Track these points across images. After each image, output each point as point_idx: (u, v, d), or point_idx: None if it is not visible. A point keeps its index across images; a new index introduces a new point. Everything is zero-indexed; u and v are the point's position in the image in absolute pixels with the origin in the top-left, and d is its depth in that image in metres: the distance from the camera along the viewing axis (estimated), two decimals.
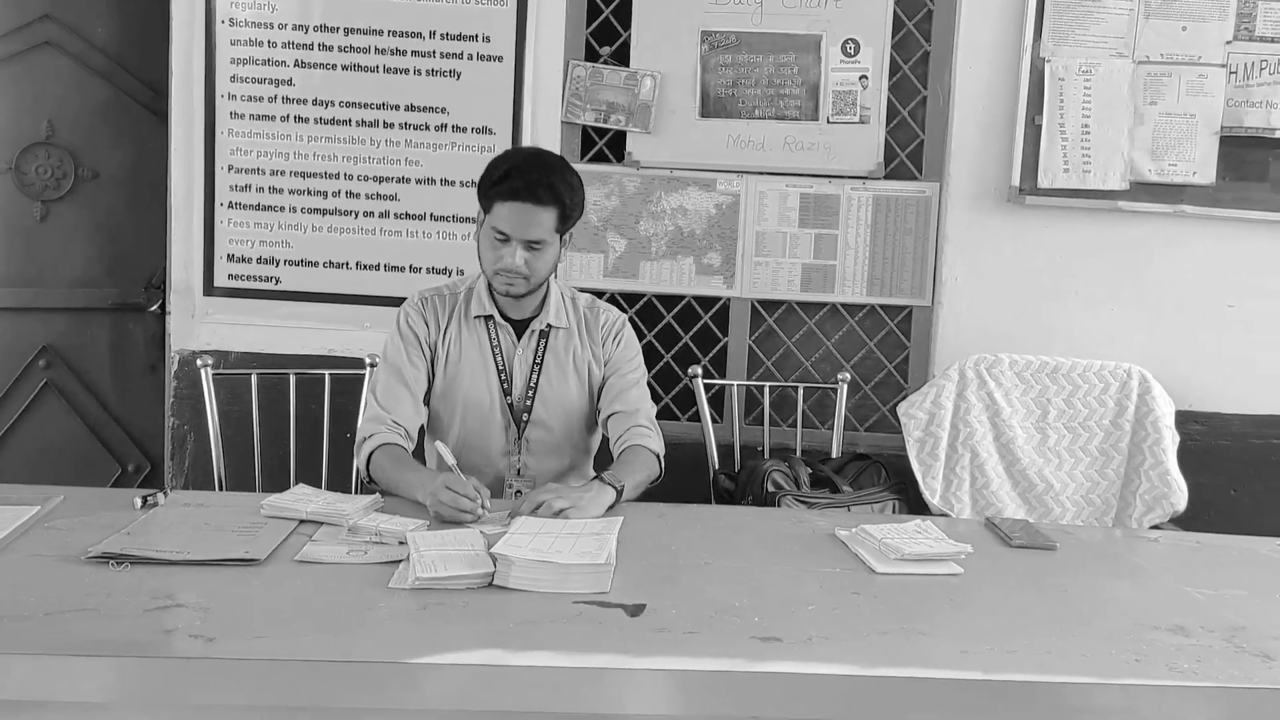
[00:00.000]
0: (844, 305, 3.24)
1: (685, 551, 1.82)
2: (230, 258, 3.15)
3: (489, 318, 2.29)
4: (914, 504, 2.78)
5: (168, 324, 3.19)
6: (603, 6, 3.18)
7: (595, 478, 2.09)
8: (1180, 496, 2.86)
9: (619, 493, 2.04)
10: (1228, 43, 3.05)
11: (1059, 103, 3.05)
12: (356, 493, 2.26)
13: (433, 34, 3.09)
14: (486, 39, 3.09)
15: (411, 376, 2.27)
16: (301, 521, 1.87)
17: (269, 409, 2.69)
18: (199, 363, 2.64)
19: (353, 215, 3.14)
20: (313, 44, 3.09)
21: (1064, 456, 2.91)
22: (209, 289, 3.15)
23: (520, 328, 2.30)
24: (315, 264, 3.15)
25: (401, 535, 1.79)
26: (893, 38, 3.13)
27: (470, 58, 3.10)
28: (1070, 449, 2.91)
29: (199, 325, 3.16)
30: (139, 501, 1.94)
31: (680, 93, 3.13)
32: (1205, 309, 3.16)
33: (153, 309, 3.35)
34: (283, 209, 3.14)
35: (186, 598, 1.49)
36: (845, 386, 2.92)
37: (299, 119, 3.10)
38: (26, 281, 3.30)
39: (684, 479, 2.48)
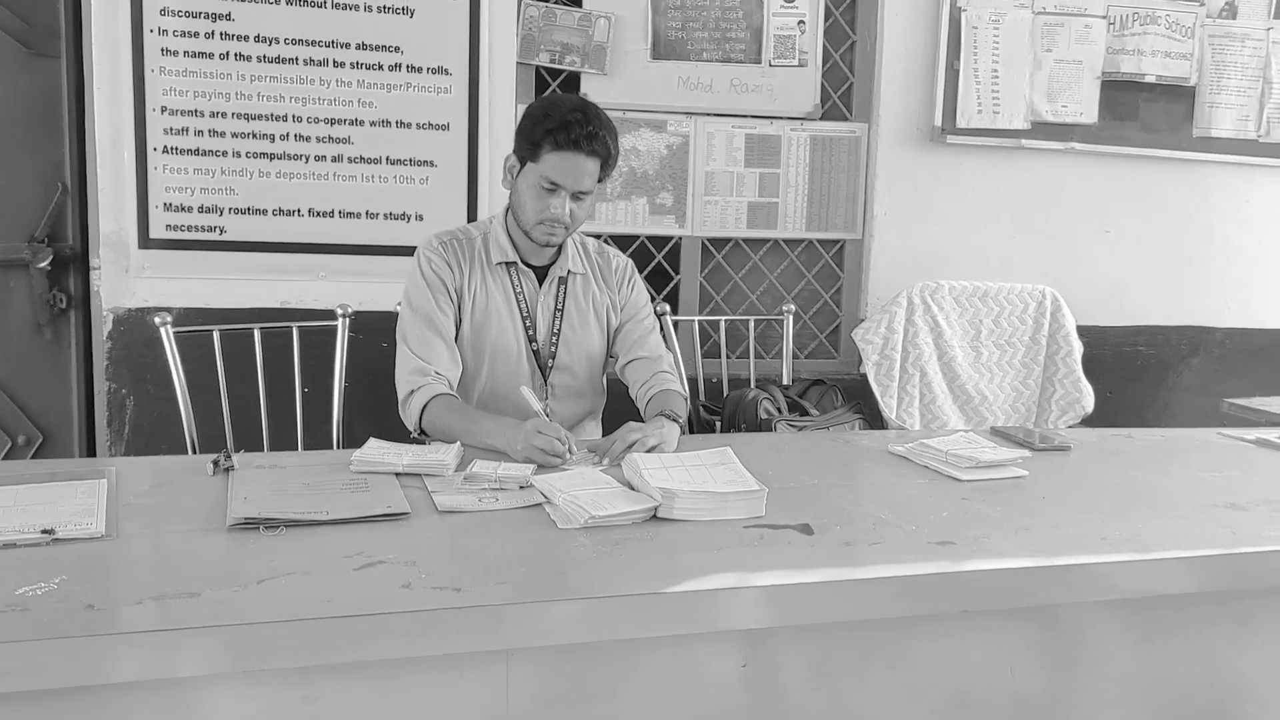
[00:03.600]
0: (785, 240, 3.42)
1: (784, 475, 1.93)
2: (168, 207, 2.92)
3: (511, 264, 2.29)
4: (871, 421, 3.03)
5: (93, 280, 2.93)
6: None
7: (660, 414, 2.17)
8: (1089, 400, 3.26)
9: (682, 428, 2.15)
10: None
11: (974, 49, 3.33)
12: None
13: None
14: None
15: (442, 324, 2.24)
16: (398, 475, 1.85)
17: (210, 367, 2.47)
18: (157, 320, 2.45)
19: (303, 160, 2.98)
20: None
21: (994, 371, 3.24)
22: (144, 241, 2.91)
23: (539, 274, 2.31)
24: (264, 212, 2.98)
25: (521, 480, 1.82)
26: None
27: None
28: (999, 364, 3.25)
29: (134, 281, 2.93)
30: (211, 467, 1.85)
31: (632, 34, 3.17)
32: (1087, 234, 3.59)
33: (41, 265, 3.07)
34: (225, 154, 2.94)
35: (381, 554, 1.47)
36: (790, 317, 3.11)
37: (240, 56, 2.91)
38: None
39: None
